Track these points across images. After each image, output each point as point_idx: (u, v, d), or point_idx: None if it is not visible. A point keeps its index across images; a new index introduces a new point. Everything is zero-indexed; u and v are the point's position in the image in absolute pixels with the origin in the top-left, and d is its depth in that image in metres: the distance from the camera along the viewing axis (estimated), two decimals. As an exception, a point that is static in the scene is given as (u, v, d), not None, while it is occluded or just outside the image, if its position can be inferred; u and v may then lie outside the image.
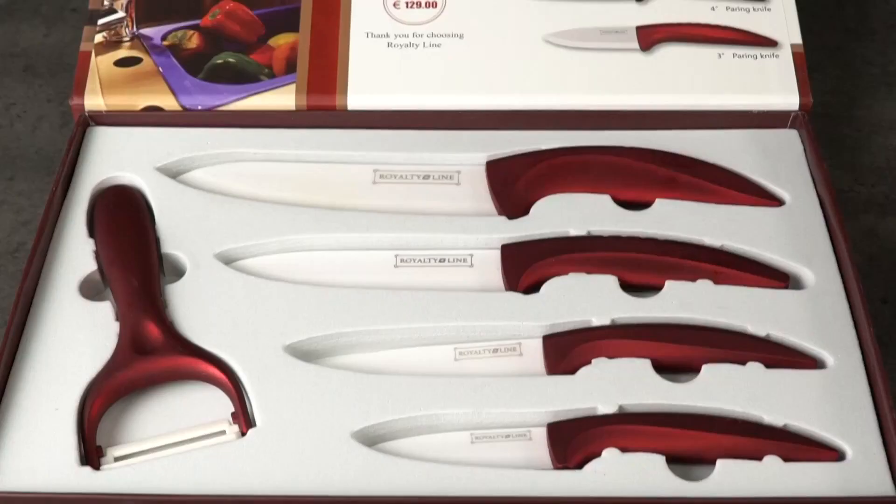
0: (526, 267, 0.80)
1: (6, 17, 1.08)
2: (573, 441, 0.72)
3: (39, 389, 0.74)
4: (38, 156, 0.97)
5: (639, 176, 0.85)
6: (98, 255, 0.80)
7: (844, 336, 0.77)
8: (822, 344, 0.76)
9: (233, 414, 0.74)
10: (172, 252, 0.81)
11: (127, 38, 0.91)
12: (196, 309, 0.78)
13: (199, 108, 0.88)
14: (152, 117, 0.88)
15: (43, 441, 0.72)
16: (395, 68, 0.89)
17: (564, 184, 0.85)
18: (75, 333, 0.77)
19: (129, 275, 0.78)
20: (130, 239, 0.80)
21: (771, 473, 0.71)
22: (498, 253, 0.81)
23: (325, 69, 0.89)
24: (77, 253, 0.80)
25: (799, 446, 0.72)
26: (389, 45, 0.91)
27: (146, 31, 0.91)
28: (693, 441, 0.72)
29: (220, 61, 0.90)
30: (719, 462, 0.71)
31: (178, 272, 0.81)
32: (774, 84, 0.89)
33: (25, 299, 0.78)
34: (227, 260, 0.81)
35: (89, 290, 0.79)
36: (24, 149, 0.98)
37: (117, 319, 0.77)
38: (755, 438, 0.72)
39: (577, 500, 0.70)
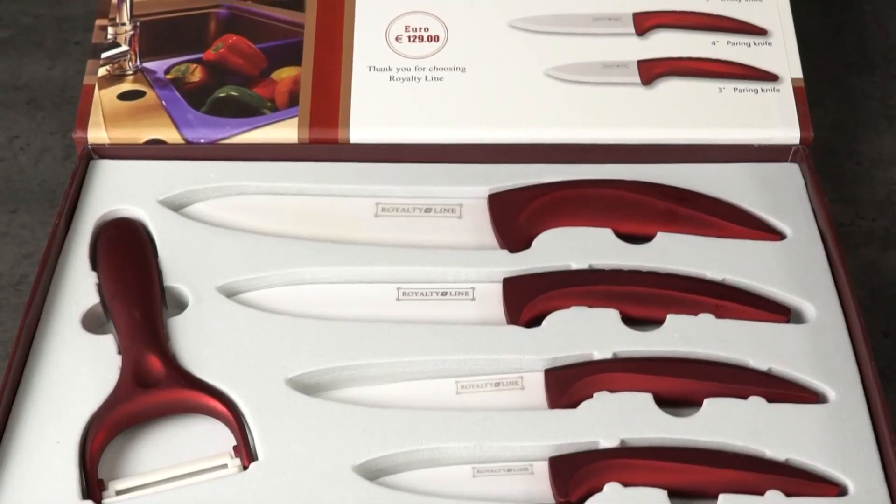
0: (527, 300, 0.80)
1: (10, 49, 1.09)
2: (575, 475, 0.72)
3: (41, 422, 0.74)
4: (41, 188, 0.98)
5: (640, 209, 0.85)
6: (100, 288, 0.80)
7: (846, 370, 0.77)
8: (824, 378, 0.76)
9: (235, 447, 0.74)
10: (175, 285, 0.81)
11: (130, 72, 0.91)
12: (198, 342, 0.78)
13: (202, 141, 0.88)
14: (155, 150, 0.88)
15: (45, 474, 0.72)
16: (397, 101, 0.90)
17: (566, 217, 0.85)
18: (77, 366, 0.77)
19: (131, 308, 0.78)
20: (133, 272, 0.81)
21: (773, 508, 0.71)
22: (500, 286, 0.81)
23: (327, 102, 0.90)
24: (79, 286, 0.81)
25: (801, 481, 0.72)
26: (392, 78, 0.91)
27: (149, 64, 0.92)
28: (695, 475, 0.72)
29: (222, 94, 0.90)
30: (721, 497, 0.71)
31: (181, 305, 0.81)
32: (775, 118, 0.89)
33: (28, 332, 0.78)
34: (230, 293, 0.81)
35: (91, 323, 0.79)
36: (27, 181, 0.98)
37: (119, 352, 0.77)
38: (757, 473, 0.72)
39: (579, 535, 0.70)
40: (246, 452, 0.73)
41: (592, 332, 0.78)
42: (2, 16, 1.12)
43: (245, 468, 0.73)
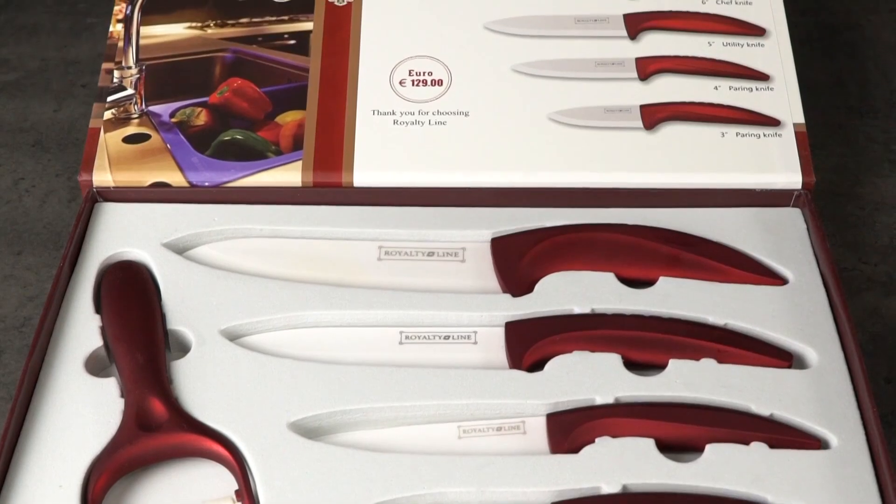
0: (530, 345, 0.80)
1: (17, 92, 1.09)
2: (577, 521, 0.72)
3: (44, 466, 0.74)
4: (45, 230, 0.98)
5: (642, 254, 0.85)
6: (104, 331, 0.80)
7: (848, 416, 0.77)
8: (827, 424, 0.76)
9: (237, 491, 0.74)
10: (178, 328, 0.81)
11: (136, 115, 0.92)
12: (201, 385, 0.78)
13: (207, 184, 0.89)
14: (160, 193, 0.89)
15: (46, 518, 0.72)
16: (400, 145, 0.90)
17: (568, 261, 0.85)
18: (80, 409, 0.77)
19: (134, 351, 0.78)
20: (136, 315, 0.81)
21: (776, 555, 0.71)
22: (502, 330, 0.81)
23: (331, 146, 0.90)
24: (83, 328, 0.81)
25: (804, 527, 0.72)
26: (395, 122, 0.91)
27: (155, 107, 0.92)
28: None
29: (227, 138, 0.91)
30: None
31: (184, 348, 0.81)
32: (777, 163, 0.89)
33: (31, 375, 0.78)
34: (233, 336, 0.81)
35: (95, 366, 0.80)
36: (32, 223, 0.99)
37: (122, 396, 0.77)
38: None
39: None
40: (248, 497, 0.73)
41: (594, 377, 0.78)
42: (9, 58, 1.12)
43: (247, 512, 0.73)
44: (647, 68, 0.94)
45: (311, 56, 0.95)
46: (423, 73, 0.94)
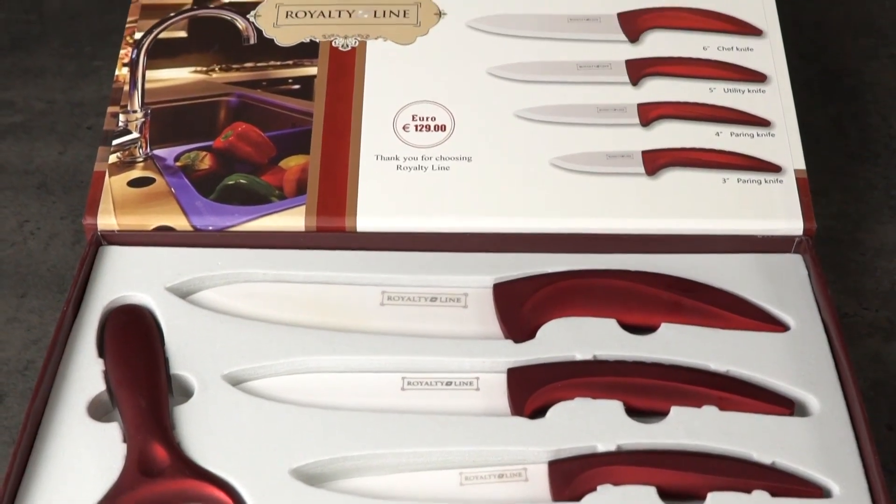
0: (532, 391, 0.80)
1: (22, 134, 1.10)
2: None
3: (45, 511, 0.74)
4: (50, 273, 0.98)
5: (644, 300, 0.86)
6: (107, 376, 0.81)
7: (850, 464, 0.77)
8: (829, 472, 0.76)
9: (238, 538, 0.74)
10: (181, 373, 0.81)
11: (140, 159, 0.93)
12: (203, 431, 0.78)
13: (210, 228, 0.89)
14: (163, 237, 0.89)
15: (48, 564, 0.72)
16: (403, 190, 0.90)
17: (570, 307, 0.85)
18: (82, 454, 0.77)
19: (137, 396, 0.78)
20: (139, 359, 0.81)
21: None
22: (504, 376, 0.81)
23: (334, 191, 0.90)
24: (86, 373, 0.81)
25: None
26: (399, 167, 0.92)
27: (159, 151, 0.93)
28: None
29: (231, 182, 0.91)
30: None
31: (187, 393, 0.81)
32: (779, 209, 0.90)
33: (34, 419, 0.78)
34: (235, 381, 0.81)
35: (97, 410, 0.80)
36: (36, 266, 0.99)
37: (125, 441, 0.77)
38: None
39: None
40: (249, 543, 0.73)
41: (596, 424, 0.78)
42: (15, 100, 1.13)
43: (248, 559, 0.73)
44: (649, 114, 0.94)
45: (315, 101, 0.95)
46: (427, 118, 0.94)
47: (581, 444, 0.77)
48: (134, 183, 0.91)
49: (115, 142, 0.93)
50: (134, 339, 0.82)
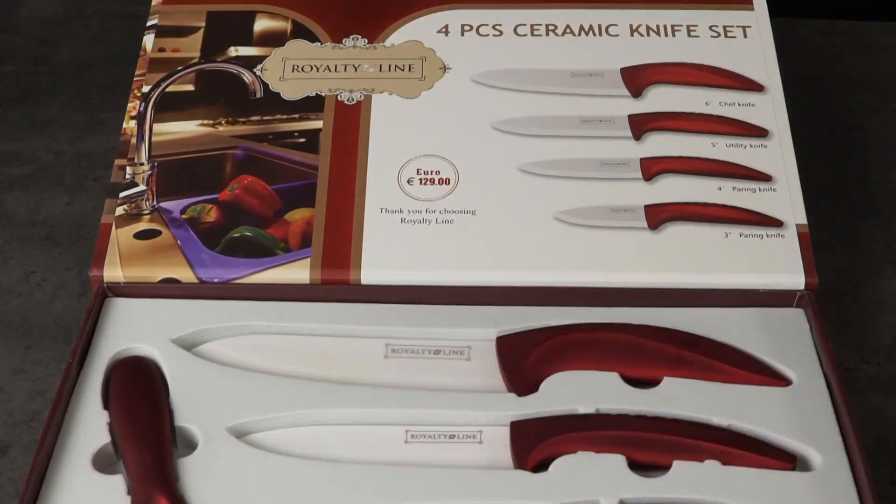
0: (535, 444, 0.80)
1: (30, 185, 1.11)
2: None
3: (49, 564, 0.75)
4: (55, 325, 0.99)
5: (647, 354, 0.86)
6: (112, 428, 0.81)
7: (853, 519, 0.77)
8: (830, 528, 0.76)
9: (241, 591, 0.74)
10: (186, 425, 0.82)
11: (147, 211, 0.93)
12: (207, 484, 0.78)
13: (216, 280, 0.90)
14: (169, 289, 0.90)
15: None
16: (408, 243, 0.91)
17: (573, 361, 0.86)
18: (87, 507, 0.77)
19: (141, 448, 0.79)
20: (144, 412, 0.81)
21: None
22: (507, 430, 0.82)
23: (339, 244, 0.91)
24: (91, 425, 0.81)
25: None
26: (403, 220, 0.92)
27: (166, 204, 0.94)
28: None
29: (237, 235, 0.92)
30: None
31: (191, 445, 0.81)
32: (780, 263, 0.90)
33: (39, 471, 0.78)
34: (239, 433, 0.82)
35: (102, 462, 0.80)
36: (42, 317, 1.00)
37: (129, 493, 0.77)
38: None
39: None
40: None
41: (599, 478, 0.78)
42: (23, 152, 1.14)
43: None
44: (652, 168, 0.95)
45: (320, 154, 0.96)
46: (431, 171, 0.95)
47: (584, 499, 0.78)
48: (140, 235, 0.92)
49: (122, 194, 0.94)
50: (139, 391, 0.83)
